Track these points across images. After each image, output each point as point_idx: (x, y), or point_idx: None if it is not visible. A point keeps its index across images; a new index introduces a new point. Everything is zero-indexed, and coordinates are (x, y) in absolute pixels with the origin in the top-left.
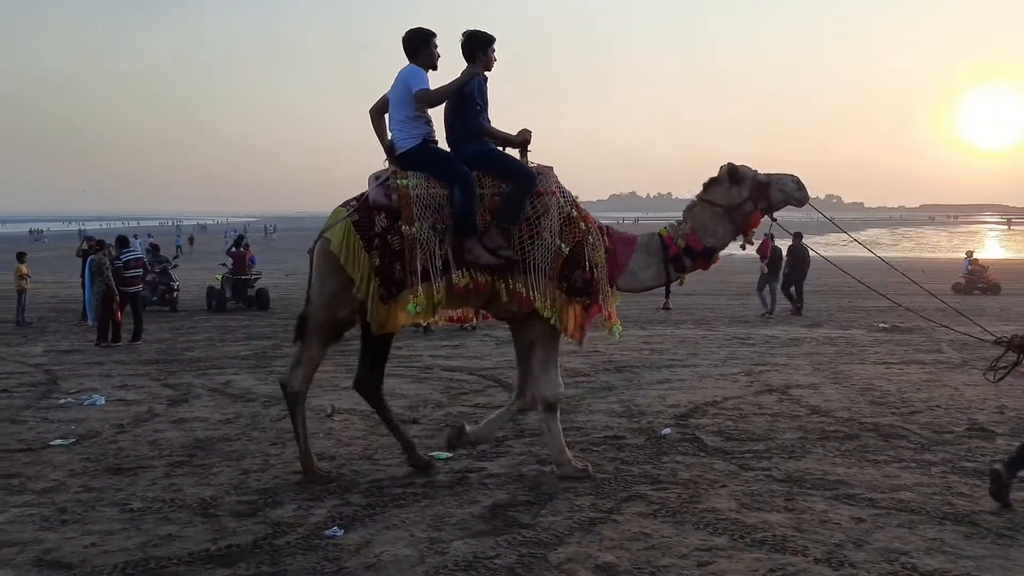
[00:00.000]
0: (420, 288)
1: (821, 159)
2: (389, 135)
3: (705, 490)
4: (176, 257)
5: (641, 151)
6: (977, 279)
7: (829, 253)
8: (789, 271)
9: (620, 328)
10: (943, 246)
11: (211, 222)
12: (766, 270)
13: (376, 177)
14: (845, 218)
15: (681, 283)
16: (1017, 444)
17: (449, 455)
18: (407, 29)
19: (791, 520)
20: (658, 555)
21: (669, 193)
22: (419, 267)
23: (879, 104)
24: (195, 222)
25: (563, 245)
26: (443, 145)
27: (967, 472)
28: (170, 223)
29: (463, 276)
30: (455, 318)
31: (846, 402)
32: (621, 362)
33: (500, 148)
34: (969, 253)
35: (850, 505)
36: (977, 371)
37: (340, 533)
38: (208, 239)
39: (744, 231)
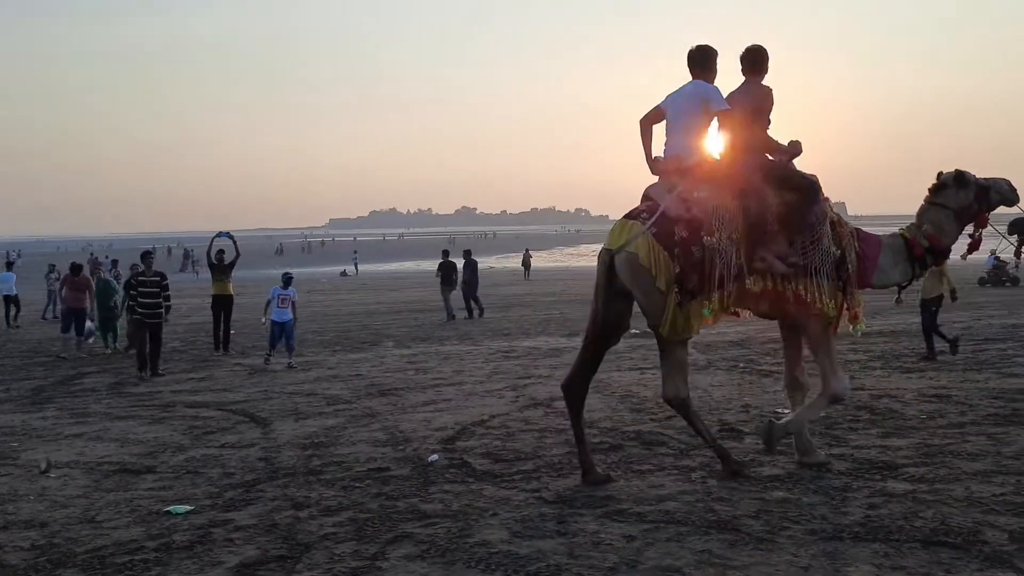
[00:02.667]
0: (715, 294)
1: (571, 177)
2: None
3: (476, 521)
4: None
5: (402, 168)
6: (1001, 273)
7: (579, 264)
8: (466, 283)
9: (863, 326)
10: None
11: None
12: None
13: (669, 190)
14: (593, 230)
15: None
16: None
17: (189, 508)
18: (696, 45)
19: (564, 546)
20: None
21: (430, 209)
22: (717, 275)
23: (622, 123)
24: None
25: (835, 249)
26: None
27: (723, 475)
28: None
29: (756, 282)
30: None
31: (608, 411)
32: (384, 385)
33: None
34: (993, 251)
35: (620, 522)
36: (721, 371)
37: None
38: None
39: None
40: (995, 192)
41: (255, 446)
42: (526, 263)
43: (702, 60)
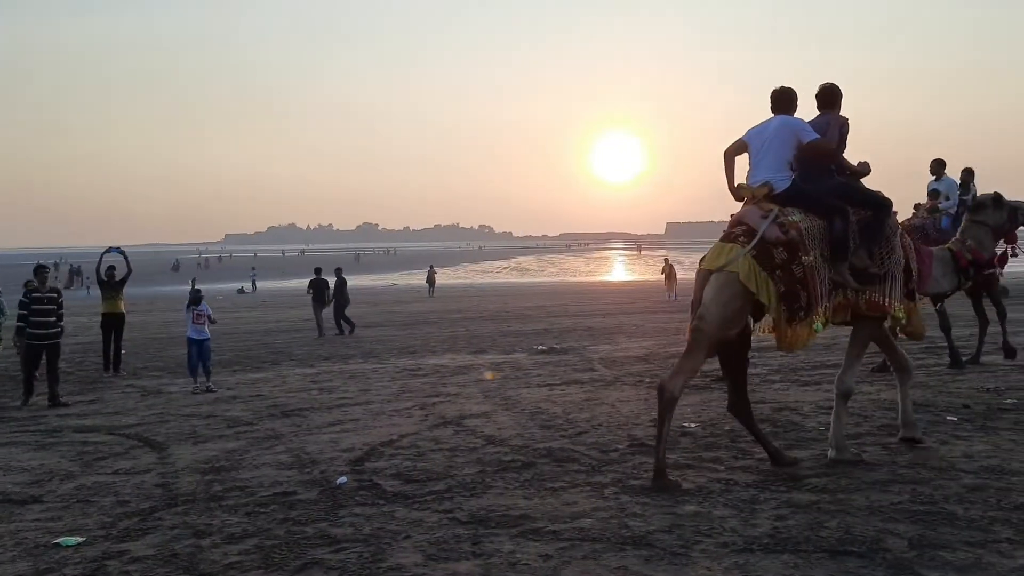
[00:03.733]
0: (821, 308)
1: (476, 193)
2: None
3: (388, 544)
4: None
5: (301, 183)
6: None
7: (484, 280)
8: (335, 300)
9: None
10: (582, 270)
11: None
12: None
13: (764, 215)
14: (497, 247)
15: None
16: (673, 456)
17: (80, 540)
18: (781, 87)
19: (480, 568)
20: None
21: (331, 225)
22: (819, 290)
23: (523, 143)
24: None
25: (903, 258)
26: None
27: (635, 491)
28: None
29: (840, 295)
30: None
31: (519, 428)
32: (287, 406)
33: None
34: None
35: (536, 541)
36: (628, 386)
37: None
38: None
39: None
40: (1021, 212)
41: (151, 472)
42: (431, 280)
43: (786, 101)
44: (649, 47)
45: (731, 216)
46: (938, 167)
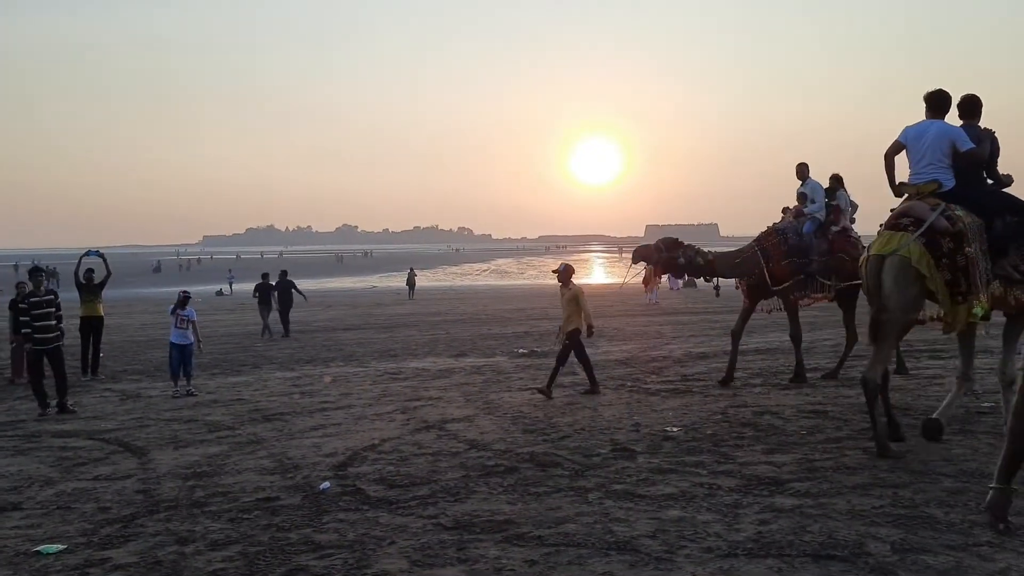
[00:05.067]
0: (982, 295)
1: (455, 195)
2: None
3: (373, 550)
4: None
5: (280, 184)
6: None
7: (463, 283)
8: (280, 304)
9: None
10: None
11: None
12: None
13: (932, 208)
14: (475, 248)
15: None
16: (656, 460)
17: (61, 547)
18: (937, 89)
19: (466, 574)
20: None
21: (310, 226)
22: (978, 280)
23: (502, 145)
24: None
25: None
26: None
27: (619, 495)
28: None
29: (999, 287)
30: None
31: (501, 433)
32: (269, 410)
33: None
34: None
35: (521, 546)
36: (609, 391)
37: None
38: None
39: None
40: None
41: (132, 477)
42: (411, 282)
43: (942, 105)
44: (628, 47)
45: (891, 211)
46: (803, 171)
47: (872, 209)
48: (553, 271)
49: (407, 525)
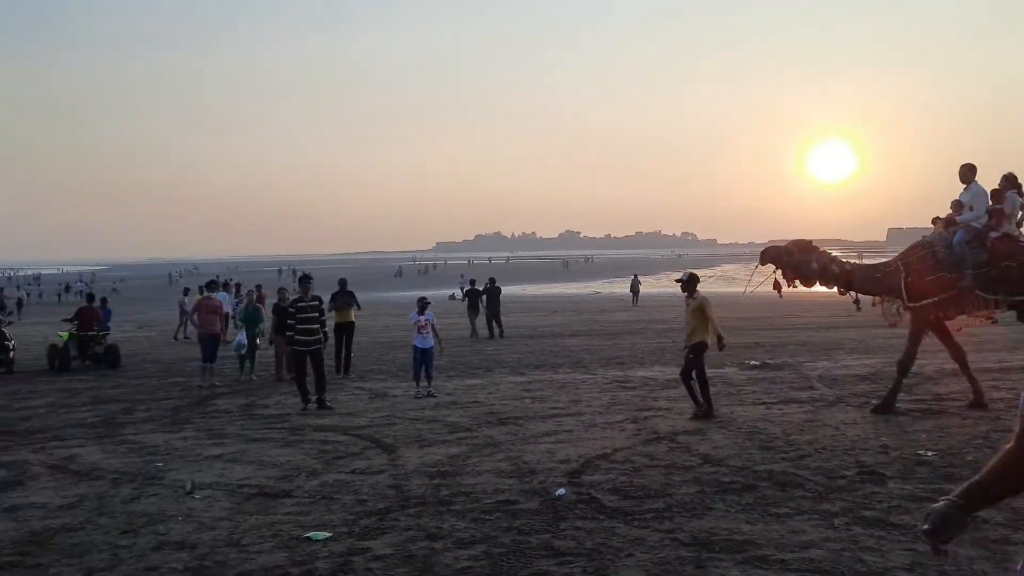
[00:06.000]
0: None
1: (678, 200)
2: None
3: (611, 561)
4: (10, 313)
5: (505, 192)
6: None
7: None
8: (489, 309)
9: None
10: None
11: (51, 271)
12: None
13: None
14: (700, 254)
15: None
16: (909, 486)
17: (327, 535)
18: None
19: None
20: None
21: (534, 232)
22: None
23: (728, 147)
24: (29, 271)
25: None
26: None
27: (869, 522)
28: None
29: None
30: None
31: (736, 448)
32: (503, 413)
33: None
34: None
35: (763, 569)
36: (852, 408)
37: None
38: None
39: None
40: None
41: (384, 472)
42: (635, 288)
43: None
44: (865, 42)
45: None
46: (968, 174)
47: None
48: (676, 280)
49: (644, 538)
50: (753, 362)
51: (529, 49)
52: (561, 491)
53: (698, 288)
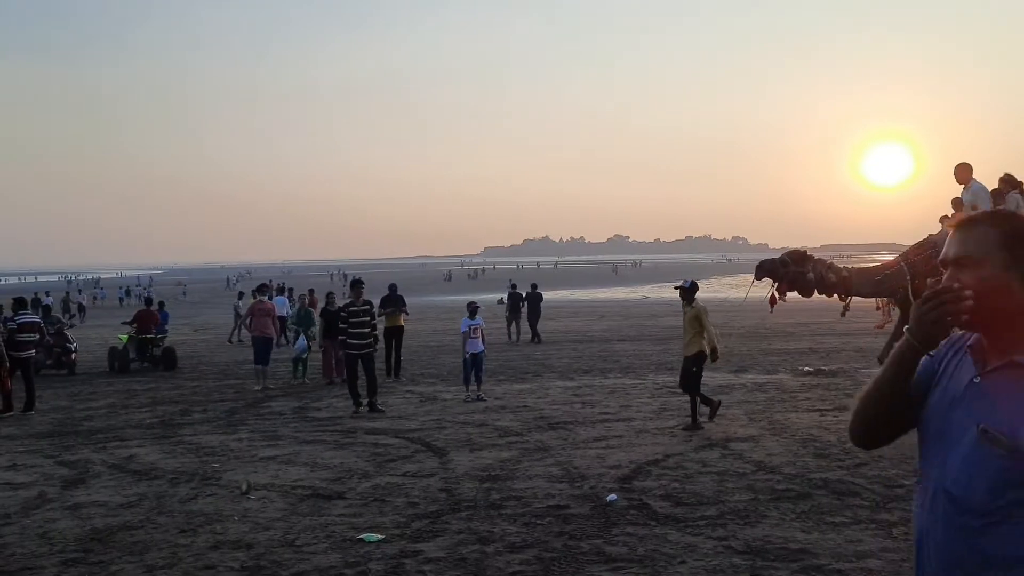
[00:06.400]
0: None
1: (728, 203)
2: None
3: (664, 568)
4: (72, 316)
5: (554, 197)
6: None
7: (738, 294)
8: (530, 314)
9: None
10: None
11: (111, 275)
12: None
13: None
14: (751, 258)
15: None
16: None
17: (380, 537)
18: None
19: None
20: None
21: (582, 237)
22: None
23: (779, 150)
24: (89, 276)
25: None
26: None
27: None
28: (61, 277)
29: None
30: None
31: (790, 456)
32: (553, 418)
33: None
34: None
35: None
36: None
37: None
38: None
39: None
40: None
41: (435, 476)
42: None
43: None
44: (920, 45)
45: None
46: (964, 174)
47: None
48: (676, 287)
49: (697, 545)
50: (807, 368)
51: (578, 52)
52: (612, 496)
53: (696, 296)
